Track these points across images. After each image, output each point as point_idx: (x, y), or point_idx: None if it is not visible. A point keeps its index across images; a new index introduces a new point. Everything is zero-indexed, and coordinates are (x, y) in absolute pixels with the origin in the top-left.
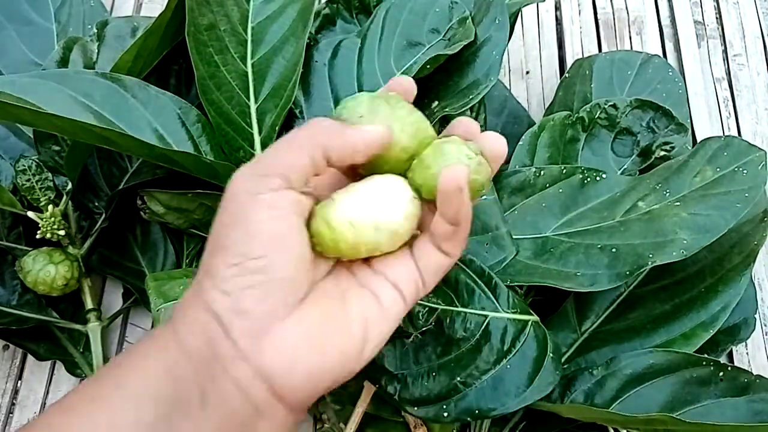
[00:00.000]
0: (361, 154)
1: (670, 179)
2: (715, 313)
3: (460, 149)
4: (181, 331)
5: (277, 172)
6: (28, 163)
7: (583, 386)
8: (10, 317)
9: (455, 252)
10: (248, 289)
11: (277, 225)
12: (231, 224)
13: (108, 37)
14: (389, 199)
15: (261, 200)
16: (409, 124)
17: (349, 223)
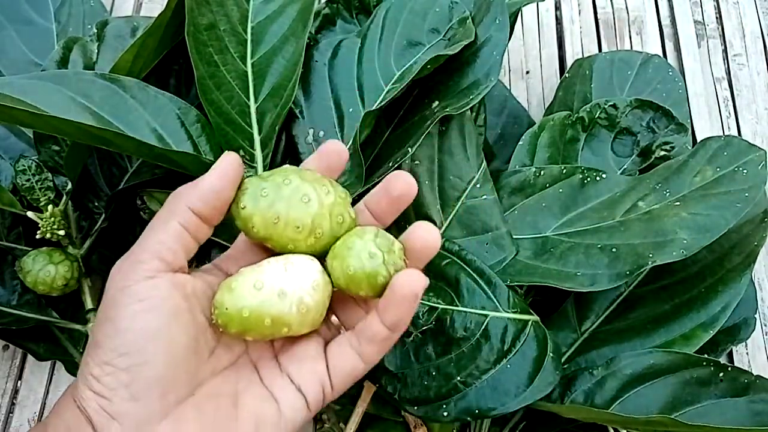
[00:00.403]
0: (224, 192)
1: (670, 179)
2: (716, 314)
3: (366, 245)
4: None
5: (150, 253)
6: (27, 163)
7: (583, 386)
8: (10, 317)
9: (374, 359)
10: (119, 388)
11: (146, 318)
12: (103, 321)
13: (108, 37)
14: (296, 269)
15: (130, 293)
16: (297, 201)
17: (252, 286)
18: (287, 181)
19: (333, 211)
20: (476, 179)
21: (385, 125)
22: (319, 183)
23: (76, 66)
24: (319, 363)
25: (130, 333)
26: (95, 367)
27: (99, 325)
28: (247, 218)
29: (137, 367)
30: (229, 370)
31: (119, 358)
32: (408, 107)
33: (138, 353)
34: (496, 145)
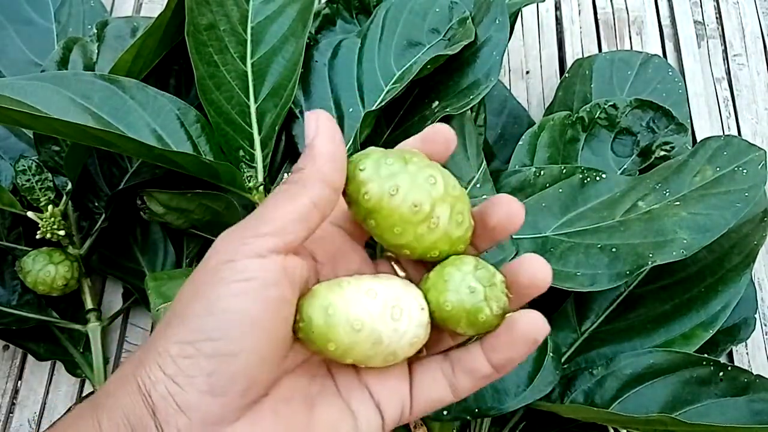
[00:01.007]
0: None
1: (670, 179)
2: (715, 313)
3: (465, 277)
4: (103, 421)
5: (268, 228)
6: (28, 163)
7: (583, 386)
8: (10, 317)
9: (466, 393)
10: (198, 377)
11: (248, 303)
12: (194, 294)
13: (108, 38)
14: (401, 315)
15: (235, 267)
16: (423, 181)
17: (351, 327)
18: (414, 159)
19: (456, 205)
20: (476, 179)
21: (385, 125)
22: (447, 174)
23: (76, 66)
24: (403, 383)
25: (226, 315)
26: (174, 345)
27: (187, 298)
28: (363, 182)
29: (225, 358)
30: (301, 368)
31: (206, 342)
32: (408, 107)
33: (230, 341)
34: (496, 145)
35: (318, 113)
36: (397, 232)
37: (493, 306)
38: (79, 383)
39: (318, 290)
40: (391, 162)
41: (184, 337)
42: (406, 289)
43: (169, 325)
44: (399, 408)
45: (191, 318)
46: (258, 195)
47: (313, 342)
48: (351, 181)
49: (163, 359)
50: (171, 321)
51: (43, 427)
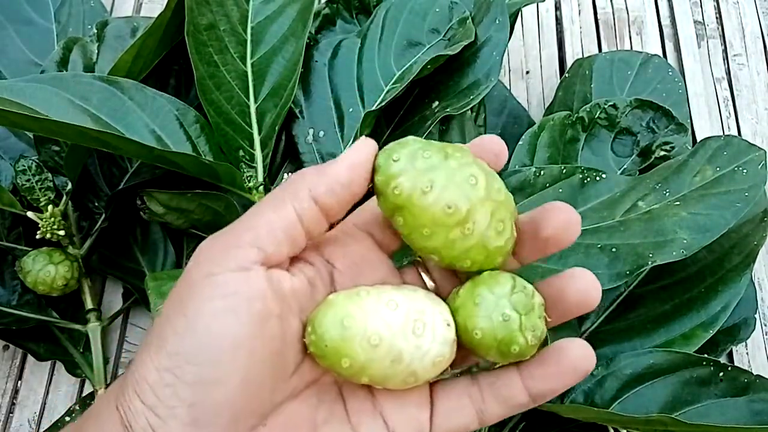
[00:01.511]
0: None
1: (670, 179)
2: (715, 313)
3: (500, 303)
4: None
5: (247, 238)
6: (28, 163)
7: (583, 386)
8: (10, 317)
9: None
10: (179, 407)
11: (229, 321)
12: (174, 311)
13: (108, 38)
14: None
15: (215, 282)
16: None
17: (368, 342)
18: (457, 154)
19: (497, 211)
20: None
21: (385, 125)
22: (492, 175)
23: (76, 66)
24: (423, 411)
25: (206, 337)
26: (152, 372)
27: (168, 316)
28: (394, 174)
29: (207, 386)
30: (310, 389)
31: (186, 367)
32: (408, 107)
33: (212, 365)
34: None
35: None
36: (426, 234)
37: (528, 336)
38: (79, 383)
39: (333, 300)
40: (429, 155)
41: (162, 363)
42: (432, 302)
43: (148, 347)
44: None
45: (170, 339)
46: (258, 195)
47: (326, 357)
48: (381, 171)
49: (141, 387)
50: (150, 343)
51: (43, 427)
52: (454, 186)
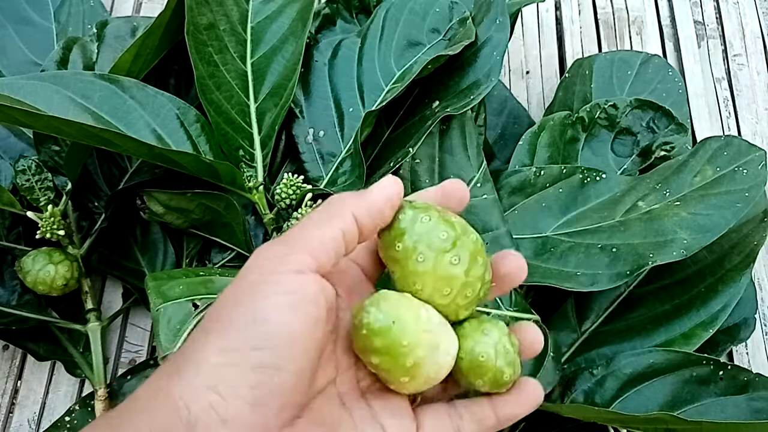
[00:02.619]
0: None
1: (670, 179)
2: (715, 313)
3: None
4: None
5: (303, 248)
6: (27, 163)
7: (583, 386)
8: (10, 317)
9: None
10: (242, 387)
11: (292, 316)
12: (235, 303)
13: (108, 37)
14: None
15: (279, 282)
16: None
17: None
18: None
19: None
20: (476, 179)
21: (386, 125)
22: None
23: (76, 66)
24: (412, 425)
25: (269, 326)
26: (215, 355)
27: (227, 310)
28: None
29: (268, 370)
30: (322, 395)
31: (252, 352)
32: (408, 107)
33: (274, 352)
34: (496, 145)
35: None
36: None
37: (515, 370)
38: (79, 383)
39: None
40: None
41: (228, 344)
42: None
43: (208, 333)
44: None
45: (233, 328)
46: (258, 195)
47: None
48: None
49: (202, 369)
50: (209, 331)
51: (42, 427)
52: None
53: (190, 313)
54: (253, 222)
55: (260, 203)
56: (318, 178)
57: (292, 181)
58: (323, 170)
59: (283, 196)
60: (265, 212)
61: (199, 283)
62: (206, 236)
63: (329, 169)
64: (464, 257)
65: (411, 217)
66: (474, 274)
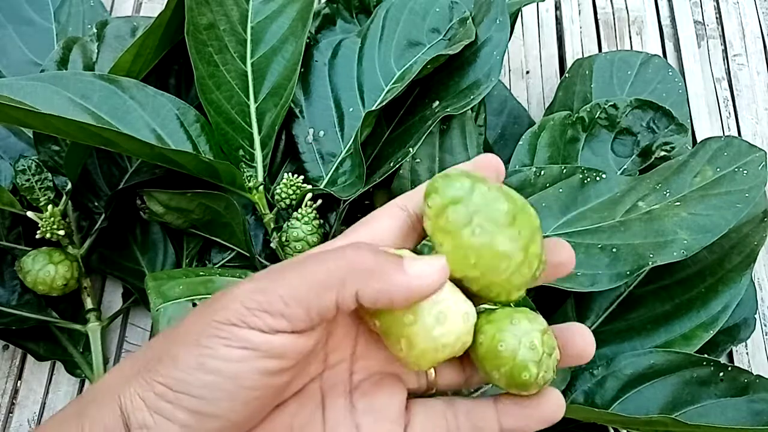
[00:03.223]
0: (403, 302)
1: (670, 179)
2: (716, 314)
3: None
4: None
5: (283, 308)
6: (27, 163)
7: (583, 386)
8: (9, 317)
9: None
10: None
11: (243, 371)
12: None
13: (108, 37)
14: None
15: (238, 335)
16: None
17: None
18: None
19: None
20: None
21: (386, 125)
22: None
23: (76, 66)
24: (398, 425)
25: (217, 378)
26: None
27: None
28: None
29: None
30: (292, 399)
31: (185, 397)
32: (408, 107)
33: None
34: (496, 145)
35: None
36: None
37: (541, 373)
38: (79, 383)
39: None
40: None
41: (169, 383)
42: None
43: (160, 360)
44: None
45: (181, 366)
46: (258, 195)
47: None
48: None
49: (146, 392)
50: (163, 356)
51: None
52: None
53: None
54: (253, 222)
55: (260, 203)
56: (318, 178)
57: (292, 181)
58: (323, 170)
59: (283, 196)
60: (265, 212)
61: (199, 283)
62: (206, 236)
63: (329, 169)
64: (524, 233)
65: (469, 186)
66: (533, 251)
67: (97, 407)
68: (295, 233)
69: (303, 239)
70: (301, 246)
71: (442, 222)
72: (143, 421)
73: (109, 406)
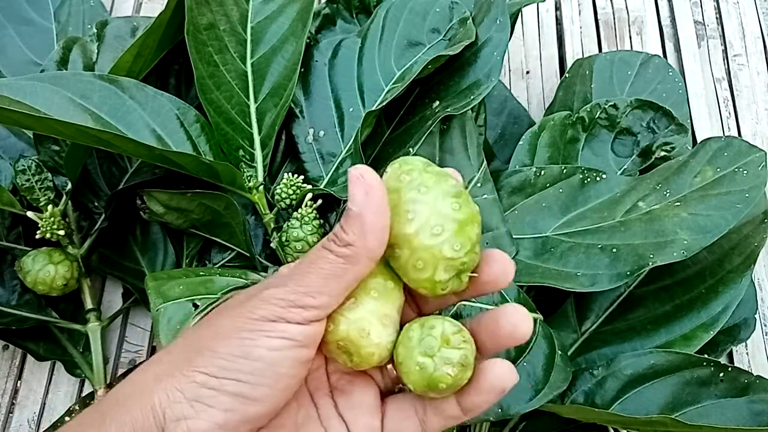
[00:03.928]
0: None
1: (670, 179)
2: (716, 314)
3: (413, 355)
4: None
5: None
6: (27, 163)
7: (584, 386)
8: (9, 317)
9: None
10: (216, 409)
11: (281, 359)
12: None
13: (108, 37)
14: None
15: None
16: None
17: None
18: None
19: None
20: (477, 179)
21: (386, 125)
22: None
23: (76, 66)
24: (375, 418)
25: (259, 364)
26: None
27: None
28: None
29: (246, 400)
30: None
31: (234, 382)
32: (408, 107)
33: (255, 388)
34: (496, 145)
35: (364, 173)
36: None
37: (447, 370)
38: (79, 383)
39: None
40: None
41: (212, 371)
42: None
43: (199, 352)
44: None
45: (224, 355)
46: (258, 194)
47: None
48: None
49: (186, 384)
50: (201, 349)
51: (42, 427)
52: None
53: (190, 313)
54: (253, 222)
55: (260, 203)
56: (318, 178)
57: (292, 181)
58: (323, 170)
59: (283, 196)
60: (265, 212)
61: (199, 283)
62: (206, 236)
63: (329, 169)
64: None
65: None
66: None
67: (123, 409)
68: (295, 233)
69: (303, 239)
70: (301, 246)
71: (392, 182)
72: (181, 412)
73: (137, 406)
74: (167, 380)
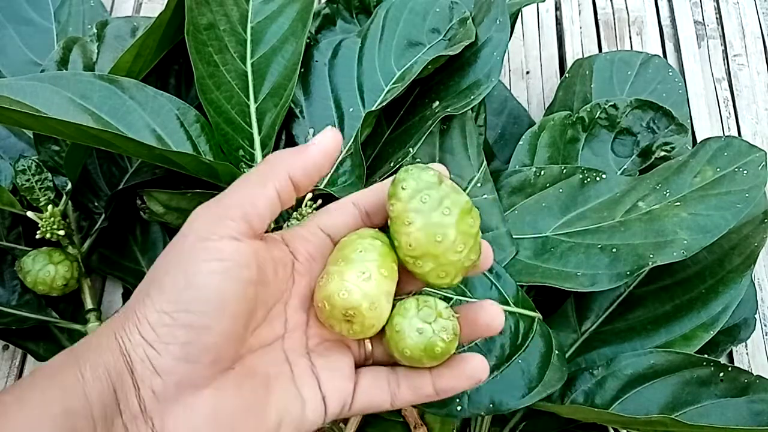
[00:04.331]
0: (323, 168)
1: (670, 179)
2: (716, 314)
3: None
4: (86, 373)
5: (238, 212)
6: (27, 163)
7: (584, 386)
8: (10, 317)
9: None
10: (174, 344)
11: (223, 282)
12: (174, 265)
13: (108, 37)
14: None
15: (212, 249)
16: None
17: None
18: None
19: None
20: (477, 179)
21: (386, 125)
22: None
23: (76, 66)
24: (349, 383)
25: (203, 291)
26: (153, 313)
27: (166, 269)
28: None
29: (199, 330)
30: (263, 350)
31: (183, 314)
32: (408, 107)
33: (204, 315)
34: (496, 145)
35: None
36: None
37: (443, 335)
38: None
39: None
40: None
41: (162, 307)
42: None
43: (147, 293)
44: (340, 405)
45: (170, 289)
46: None
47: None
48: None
49: (142, 325)
50: (150, 290)
51: None
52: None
53: None
54: None
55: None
56: None
57: None
58: None
59: None
60: None
61: None
62: None
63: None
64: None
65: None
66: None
67: (95, 352)
68: None
69: None
70: None
71: (415, 203)
72: (144, 353)
73: (107, 348)
74: (126, 325)
